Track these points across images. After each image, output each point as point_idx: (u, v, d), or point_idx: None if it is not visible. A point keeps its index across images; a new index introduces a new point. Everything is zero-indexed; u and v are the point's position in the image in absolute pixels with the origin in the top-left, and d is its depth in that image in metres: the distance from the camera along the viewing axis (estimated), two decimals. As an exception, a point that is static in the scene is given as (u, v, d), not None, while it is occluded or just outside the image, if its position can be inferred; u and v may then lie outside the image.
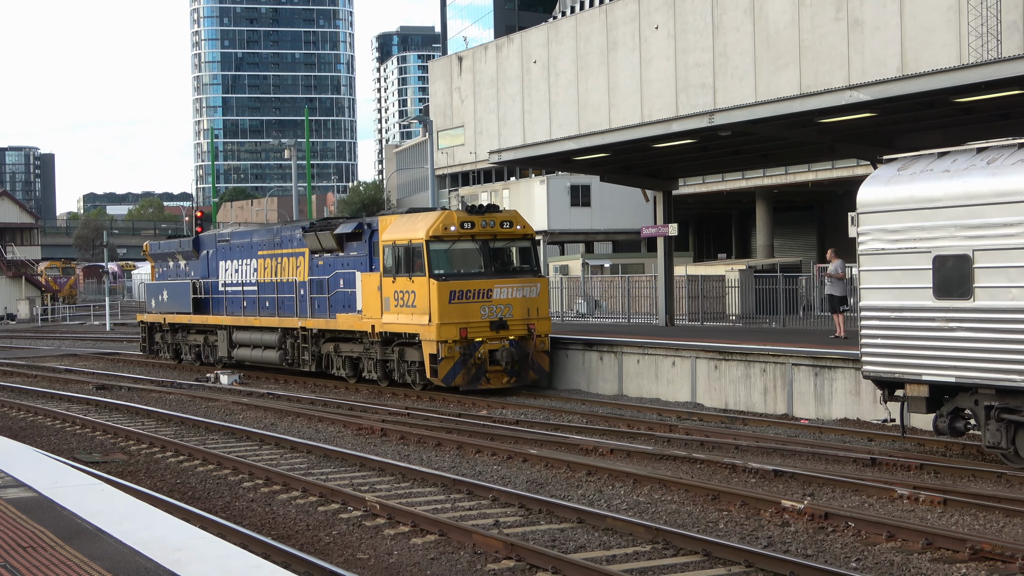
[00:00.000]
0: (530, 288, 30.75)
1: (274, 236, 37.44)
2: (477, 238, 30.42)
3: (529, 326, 30.42)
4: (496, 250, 30.79)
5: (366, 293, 32.01)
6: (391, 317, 31.00)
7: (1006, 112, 26.52)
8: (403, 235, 30.58)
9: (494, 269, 30.53)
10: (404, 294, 30.44)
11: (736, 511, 15.72)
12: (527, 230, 31.46)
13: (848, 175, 53.82)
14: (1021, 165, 17.50)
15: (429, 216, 30.75)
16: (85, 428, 25.94)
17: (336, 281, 33.70)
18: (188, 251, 42.69)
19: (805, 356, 26.02)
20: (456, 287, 29.76)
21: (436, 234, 29.86)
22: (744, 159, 38.51)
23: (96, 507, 10.70)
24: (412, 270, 30.14)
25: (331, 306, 33.82)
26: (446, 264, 30.05)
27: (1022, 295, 17.40)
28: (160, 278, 45.39)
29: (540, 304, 30.97)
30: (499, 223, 30.71)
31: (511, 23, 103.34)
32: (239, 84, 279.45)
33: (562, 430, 23.83)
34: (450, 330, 29.50)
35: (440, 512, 15.81)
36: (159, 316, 44.02)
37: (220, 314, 40.03)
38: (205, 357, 41.57)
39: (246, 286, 38.71)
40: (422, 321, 29.87)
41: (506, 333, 30.13)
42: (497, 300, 30.17)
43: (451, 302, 29.60)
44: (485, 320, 30.00)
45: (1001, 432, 18.08)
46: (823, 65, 57.08)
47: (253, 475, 19.15)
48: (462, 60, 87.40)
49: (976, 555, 13.05)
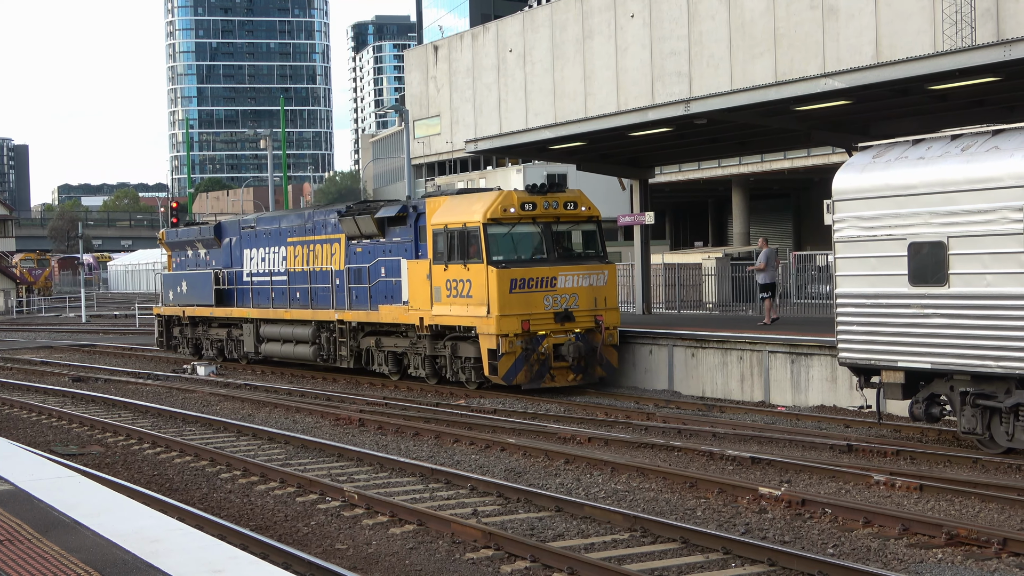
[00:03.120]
0: (597, 275, 28.24)
1: (305, 221, 34.83)
2: (539, 220, 27.92)
3: (596, 317, 27.93)
4: (559, 234, 28.30)
5: (413, 282, 29.46)
6: (443, 309, 28.41)
7: (980, 99, 26.61)
8: (456, 218, 28.04)
9: (557, 255, 27.99)
10: (458, 283, 27.95)
11: (714, 498, 15.77)
12: (593, 211, 28.72)
13: (824, 163, 54.02)
14: (995, 152, 17.58)
15: (486, 197, 28.31)
16: (61, 420, 25.84)
17: (377, 269, 31.30)
18: (209, 239, 39.74)
19: (781, 343, 26.11)
20: (517, 275, 27.20)
21: (494, 216, 27.30)
22: (721, 147, 38.56)
23: (73, 499, 10.65)
24: (467, 256, 27.55)
25: (372, 297, 31.43)
26: (505, 249, 27.59)
27: (997, 281, 17.49)
28: (178, 268, 42.25)
29: (608, 293, 28.42)
30: (563, 204, 28.15)
31: (487, 12, 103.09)
32: (214, 74, 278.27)
33: (540, 419, 23.85)
34: (511, 322, 26.95)
35: (418, 502, 15.82)
36: (177, 309, 40.97)
37: (246, 306, 37.24)
38: (228, 353, 38.82)
39: (275, 276, 35.94)
40: (479, 313, 27.29)
41: (571, 325, 27.66)
42: (561, 289, 27.65)
43: (512, 291, 27.07)
44: (549, 311, 27.48)
45: (976, 418, 18.18)
46: (798, 53, 57.24)
47: (231, 466, 19.12)
48: (438, 49, 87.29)
49: (952, 540, 13.13)
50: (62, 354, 45.57)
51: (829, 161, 51.29)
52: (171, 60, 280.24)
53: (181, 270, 41.76)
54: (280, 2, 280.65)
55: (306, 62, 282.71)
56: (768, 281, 31.05)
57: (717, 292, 41.28)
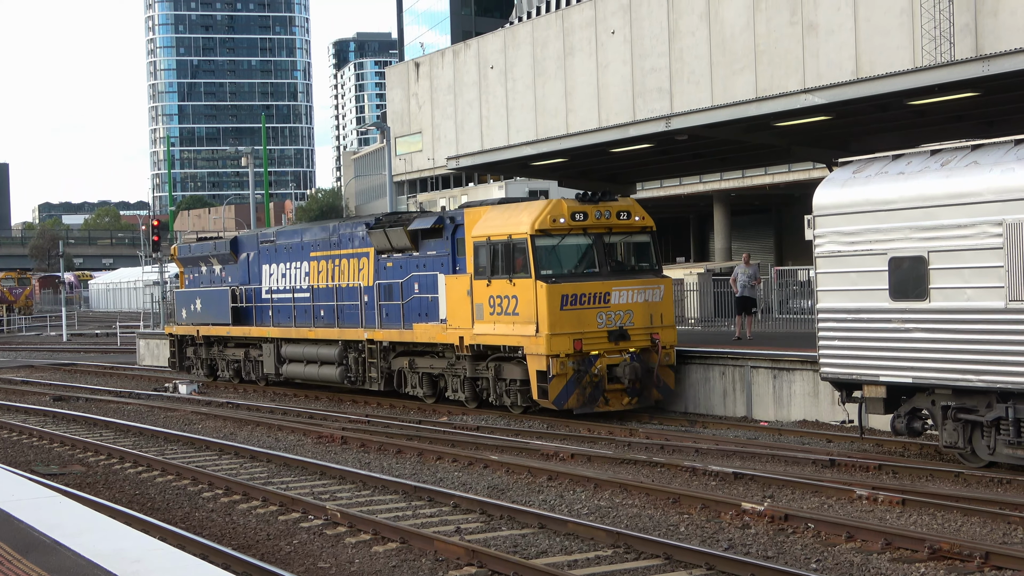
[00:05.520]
0: (653, 291, 26.34)
1: (330, 235, 32.85)
2: (590, 231, 26.05)
3: (652, 336, 26.02)
4: (611, 245, 26.40)
5: (452, 299, 27.55)
6: (485, 327, 26.55)
7: (959, 114, 26.75)
8: (500, 229, 26.16)
9: (610, 268, 26.13)
10: (502, 299, 26.06)
11: (697, 514, 15.77)
12: (647, 221, 26.81)
13: (805, 178, 54.12)
14: (974, 167, 17.66)
15: (533, 206, 26.32)
16: (42, 440, 25.72)
17: (411, 285, 29.41)
18: (225, 254, 37.74)
19: (763, 358, 26.14)
20: (568, 290, 25.31)
21: (543, 227, 25.46)
22: (702, 163, 38.66)
23: (54, 519, 10.61)
24: (513, 270, 25.69)
25: (405, 315, 29.43)
26: (555, 263, 25.76)
27: (977, 295, 17.56)
28: (191, 285, 40.10)
29: (664, 309, 26.50)
30: (615, 213, 26.23)
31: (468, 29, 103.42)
32: (195, 91, 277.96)
33: (523, 435, 23.83)
34: (562, 342, 25.05)
35: (401, 520, 15.79)
36: (191, 328, 38.83)
37: (265, 325, 35.17)
38: (246, 374, 36.82)
39: (297, 293, 34.00)
40: (527, 331, 25.42)
41: (626, 344, 25.68)
42: (616, 305, 25.71)
43: (563, 308, 25.17)
44: (602, 329, 25.53)
45: (958, 432, 18.23)
46: (778, 69, 57.41)
47: (213, 485, 19.05)
48: (419, 66, 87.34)
49: (934, 554, 13.15)
50: (43, 373, 45.39)
51: (810, 176, 51.39)
52: (152, 78, 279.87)
53: (195, 287, 39.73)
54: (261, 19, 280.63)
55: (287, 79, 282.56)
56: (750, 295, 31.48)
57: (699, 307, 41.30)
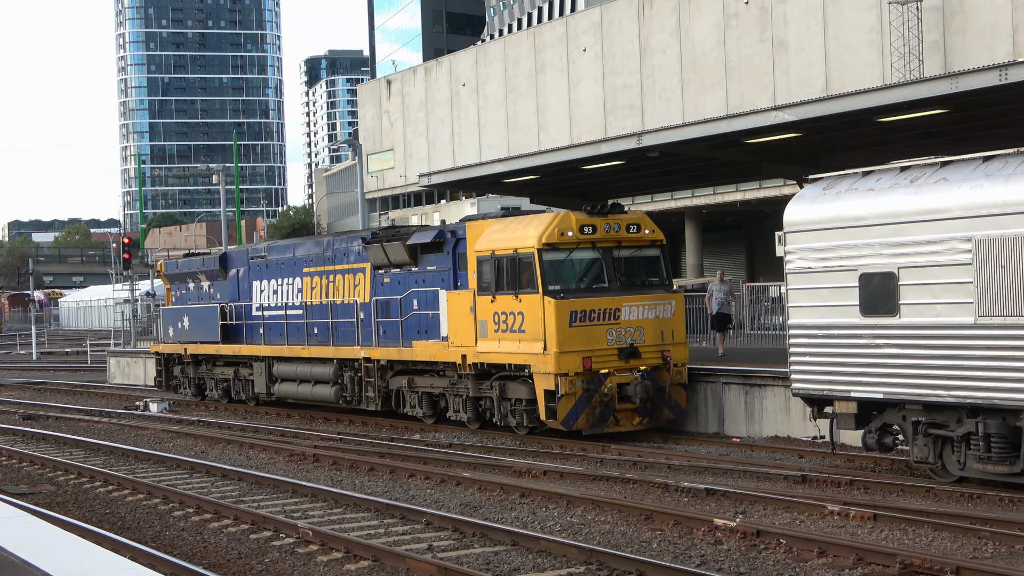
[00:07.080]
0: (664, 306, 25.54)
1: (324, 250, 31.96)
2: (599, 245, 25.33)
3: (664, 353, 25.23)
4: (620, 260, 25.65)
5: (454, 316, 26.66)
6: (490, 345, 25.67)
7: (929, 131, 26.92)
8: (505, 243, 25.36)
9: (619, 283, 25.36)
10: (508, 316, 25.21)
11: (669, 530, 15.78)
12: (657, 235, 26.09)
13: (775, 194, 54.37)
14: (943, 183, 17.78)
15: (540, 219, 25.46)
16: (11, 459, 25.52)
17: (410, 301, 28.44)
18: (213, 270, 36.74)
19: (735, 374, 26.19)
20: (577, 306, 24.47)
21: (550, 241, 24.68)
22: (673, 180, 38.75)
23: (23, 539, 10.51)
24: (519, 286, 24.86)
25: (404, 332, 28.51)
26: (563, 278, 24.98)
27: (947, 311, 17.65)
28: (178, 302, 38.96)
29: (675, 326, 25.69)
30: (625, 226, 25.53)
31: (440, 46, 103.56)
32: (166, 109, 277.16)
33: (495, 452, 23.80)
34: (571, 360, 24.23)
35: (374, 537, 15.73)
36: (178, 346, 37.70)
37: (256, 343, 34.17)
38: (235, 393, 35.84)
39: (289, 309, 32.94)
40: (534, 349, 24.58)
41: (637, 362, 24.89)
42: (626, 322, 24.90)
43: (572, 325, 24.33)
44: (612, 347, 24.71)
45: (929, 447, 18.30)
46: (749, 86, 57.71)
47: (184, 504, 18.95)
48: (391, 83, 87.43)
49: (906, 569, 13.19)
50: (12, 392, 45.07)
51: (781, 193, 51.63)
52: (123, 95, 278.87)
53: (182, 303, 38.60)
54: (232, 37, 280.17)
55: (259, 96, 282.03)
56: (726, 312, 31.93)
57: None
